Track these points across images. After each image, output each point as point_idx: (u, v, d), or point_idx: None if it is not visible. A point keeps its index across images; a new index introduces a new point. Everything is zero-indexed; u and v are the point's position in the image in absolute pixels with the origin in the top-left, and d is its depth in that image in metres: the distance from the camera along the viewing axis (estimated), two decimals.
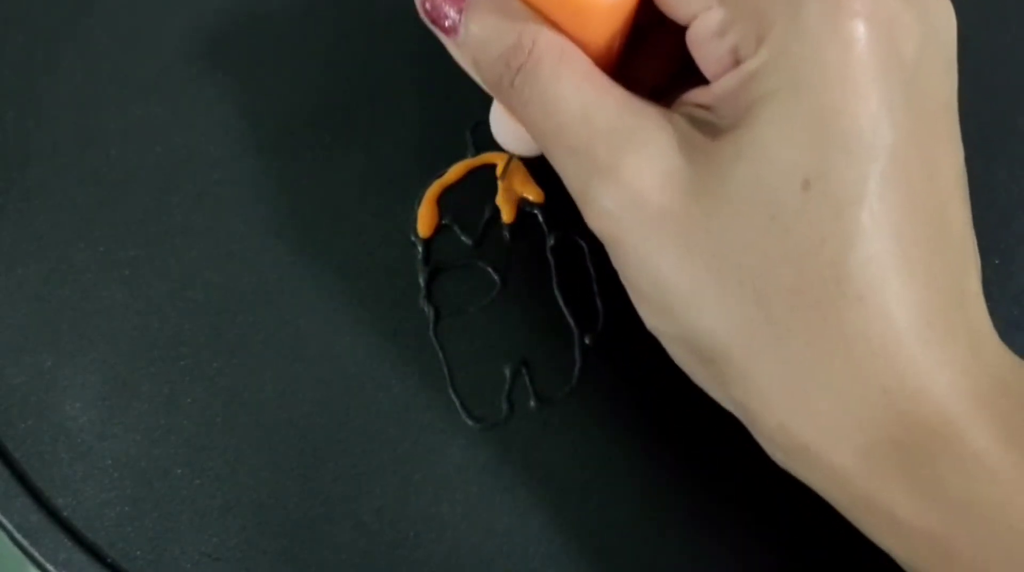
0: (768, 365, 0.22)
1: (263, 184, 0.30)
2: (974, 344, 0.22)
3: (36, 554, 0.27)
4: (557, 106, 0.22)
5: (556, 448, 0.28)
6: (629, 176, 0.22)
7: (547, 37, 0.22)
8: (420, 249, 0.29)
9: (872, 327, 0.21)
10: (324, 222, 0.29)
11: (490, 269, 0.29)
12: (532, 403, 0.28)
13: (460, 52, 0.24)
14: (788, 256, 0.21)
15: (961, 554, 0.21)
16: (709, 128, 0.22)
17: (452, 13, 0.23)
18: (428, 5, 0.24)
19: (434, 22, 0.24)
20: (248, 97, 0.31)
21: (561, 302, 0.29)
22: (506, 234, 0.29)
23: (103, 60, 0.31)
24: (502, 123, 0.26)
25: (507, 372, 0.28)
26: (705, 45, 0.22)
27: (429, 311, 0.29)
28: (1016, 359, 0.23)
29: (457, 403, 0.28)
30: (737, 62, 0.22)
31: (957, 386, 0.21)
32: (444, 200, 0.30)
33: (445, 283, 0.29)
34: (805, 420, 0.22)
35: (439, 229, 0.29)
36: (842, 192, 0.21)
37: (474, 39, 0.23)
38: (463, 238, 0.29)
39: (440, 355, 0.28)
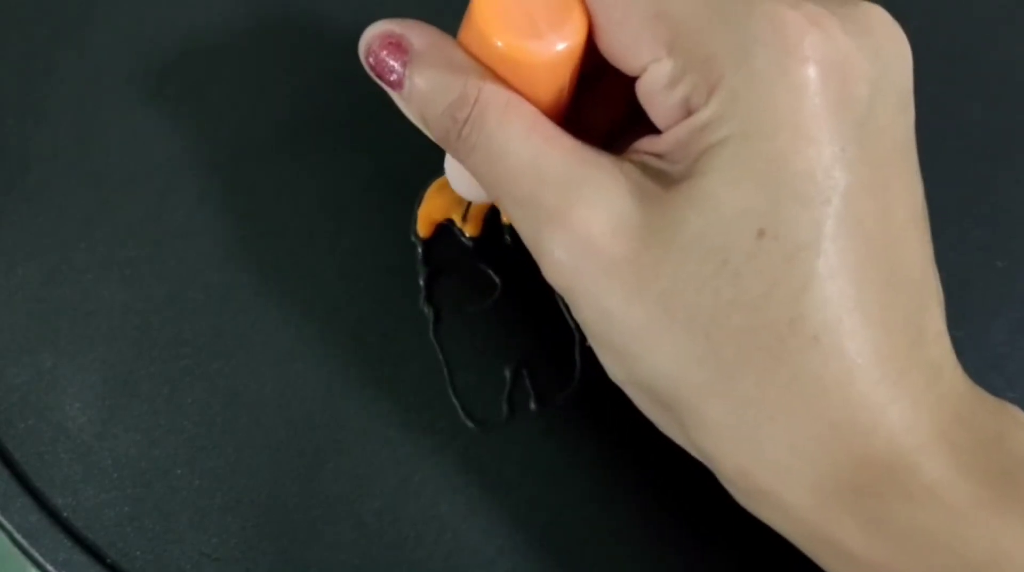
0: (720, 406, 0.22)
1: (263, 185, 0.30)
2: (931, 380, 0.22)
3: (36, 554, 0.27)
4: (505, 157, 0.22)
5: (556, 449, 0.28)
6: (579, 225, 0.22)
7: (492, 88, 0.22)
8: (420, 249, 0.29)
9: (825, 367, 0.21)
10: (324, 222, 0.29)
11: (490, 269, 0.29)
12: (532, 404, 0.28)
13: (406, 105, 0.24)
14: (739, 300, 0.21)
15: None
16: (661, 176, 0.22)
17: (397, 67, 0.23)
18: (372, 60, 0.23)
19: (379, 76, 0.24)
20: (248, 99, 0.31)
21: (561, 303, 0.29)
22: (506, 234, 0.29)
23: (104, 62, 0.31)
24: (456, 172, 0.26)
25: (507, 373, 0.28)
26: (656, 96, 0.22)
27: (429, 312, 0.29)
28: (979, 393, 0.23)
29: (457, 404, 0.28)
30: (688, 112, 0.22)
31: (910, 421, 0.21)
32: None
33: (445, 283, 0.29)
34: (758, 461, 0.22)
35: (439, 229, 0.29)
36: (794, 237, 0.21)
37: (419, 93, 0.23)
38: (463, 238, 0.29)
39: (440, 356, 0.28)
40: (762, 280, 0.21)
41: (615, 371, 0.24)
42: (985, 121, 0.30)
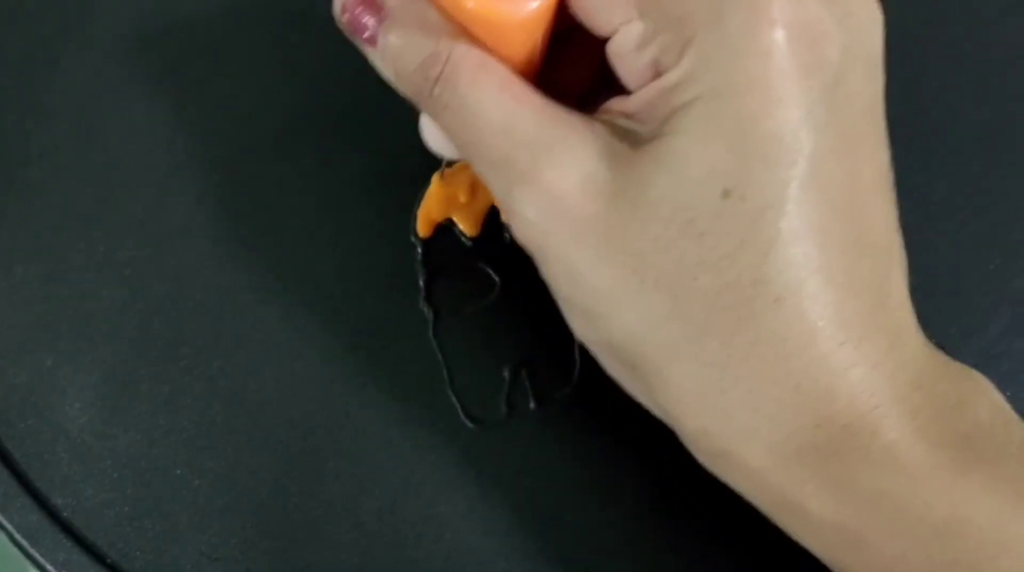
0: (685, 367, 0.22)
1: (263, 184, 0.30)
2: (894, 343, 0.22)
3: (36, 554, 0.27)
4: (477, 116, 0.23)
5: (555, 449, 0.28)
6: (549, 184, 0.22)
7: (464, 48, 0.23)
8: (420, 249, 0.29)
9: (788, 329, 0.21)
10: (324, 222, 0.29)
11: (490, 269, 0.29)
12: (531, 404, 0.28)
13: (380, 62, 0.24)
14: (705, 260, 0.21)
15: (873, 545, 0.22)
16: (631, 136, 0.22)
17: (371, 23, 0.23)
18: (346, 17, 0.24)
19: (353, 32, 0.24)
20: (248, 98, 0.31)
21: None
22: (506, 234, 0.29)
23: (104, 60, 0.31)
24: (429, 130, 0.26)
25: (506, 373, 0.28)
26: (626, 57, 0.22)
27: (429, 312, 0.29)
28: (942, 359, 0.23)
29: (457, 404, 0.28)
30: (658, 73, 0.22)
31: (870, 383, 0.21)
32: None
33: (445, 283, 0.29)
34: (721, 423, 0.22)
35: (439, 229, 0.29)
36: (760, 198, 0.21)
37: (392, 49, 0.23)
38: (463, 238, 0.29)
39: (440, 356, 0.28)
40: (728, 240, 0.21)
41: (583, 331, 0.24)
42: (981, 119, 0.31)
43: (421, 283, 0.29)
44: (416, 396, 0.28)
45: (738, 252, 0.21)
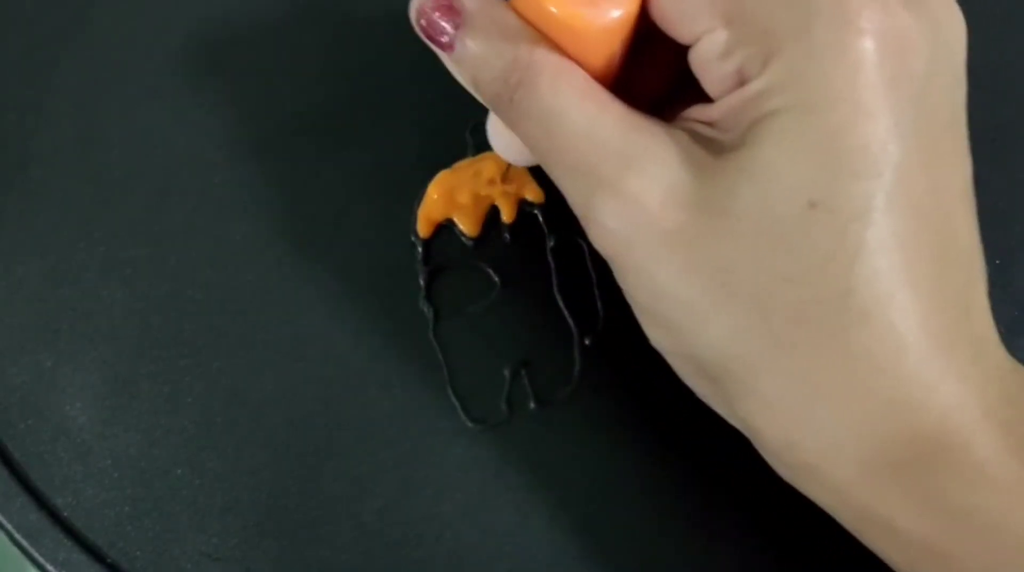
0: (771, 380, 0.22)
1: (263, 184, 0.30)
2: (978, 355, 0.22)
3: (36, 554, 0.27)
4: (558, 122, 0.22)
5: (556, 449, 0.28)
6: (632, 193, 0.22)
7: (545, 54, 0.22)
8: (420, 249, 0.29)
9: (876, 342, 0.21)
10: (324, 222, 0.29)
11: (490, 269, 0.29)
12: (532, 404, 0.28)
13: (457, 69, 0.24)
14: (793, 273, 0.21)
15: (960, 561, 0.21)
16: (712, 144, 0.22)
17: (449, 29, 0.23)
18: (423, 21, 0.23)
19: (430, 38, 0.24)
20: (248, 98, 0.31)
21: (561, 303, 0.29)
22: (506, 234, 0.29)
23: (104, 61, 0.31)
24: (499, 135, 0.26)
25: (507, 373, 0.28)
26: (709, 65, 0.22)
27: (429, 311, 0.29)
28: (1020, 368, 0.23)
29: (457, 404, 0.28)
30: (743, 82, 0.22)
31: (960, 397, 0.21)
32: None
33: (445, 283, 0.29)
34: (808, 435, 0.22)
35: (439, 229, 0.29)
36: (847, 210, 0.21)
37: (471, 56, 0.23)
38: (463, 238, 0.29)
39: (440, 356, 0.28)
40: (815, 253, 0.21)
41: (662, 342, 0.24)
42: (981, 119, 0.30)
43: (421, 283, 0.29)
44: (416, 396, 0.28)
45: (826, 264, 0.21)
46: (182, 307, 0.29)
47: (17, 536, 0.27)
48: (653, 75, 0.25)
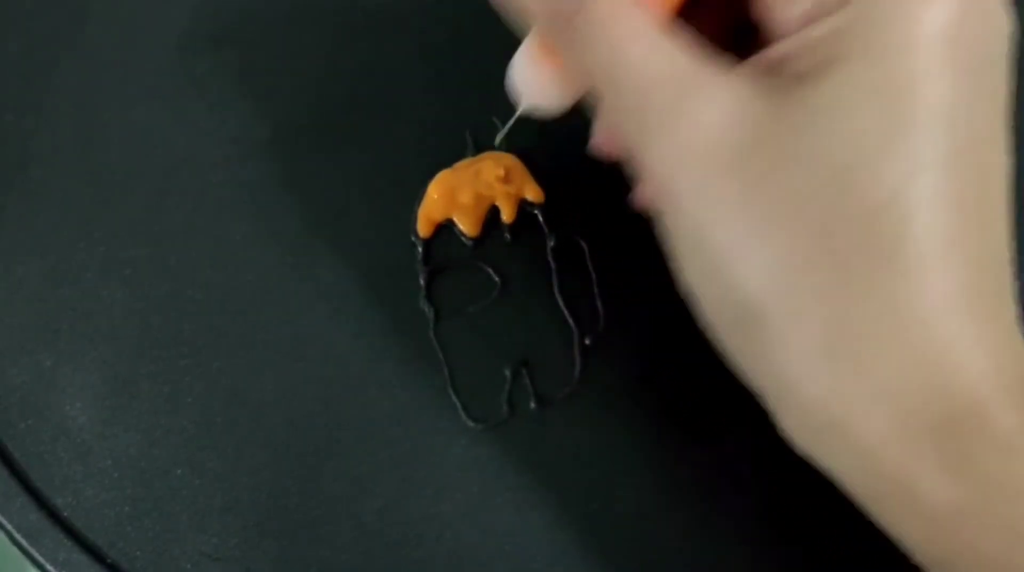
0: (809, 326, 0.21)
1: (263, 184, 0.30)
2: (1009, 332, 0.22)
3: (36, 554, 0.27)
4: (617, 51, 0.22)
5: (556, 448, 0.28)
6: (691, 125, 0.21)
7: None
8: (420, 249, 0.29)
9: (919, 297, 0.21)
10: (324, 222, 0.29)
11: (490, 269, 0.29)
12: (532, 404, 0.28)
13: None
14: (849, 214, 0.21)
15: (986, 533, 0.21)
16: (775, 85, 0.22)
17: None
18: None
19: None
20: (248, 98, 0.31)
21: (561, 303, 0.29)
22: (506, 234, 0.29)
23: (103, 60, 0.31)
24: (531, 71, 0.25)
25: (507, 372, 0.28)
26: (777, 4, 0.22)
27: (429, 311, 0.29)
28: None
29: (457, 403, 0.28)
30: (810, 21, 0.22)
31: (991, 368, 0.21)
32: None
33: (445, 283, 0.29)
34: (840, 389, 0.21)
35: (439, 229, 0.29)
36: (912, 162, 0.20)
37: None
38: (463, 238, 0.29)
39: (440, 355, 0.28)
40: (870, 199, 0.21)
41: (700, 284, 0.23)
42: None
43: (421, 282, 0.29)
44: (416, 396, 0.28)
45: (881, 211, 0.20)
46: (182, 307, 0.29)
47: (17, 536, 0.27)
48: (712, 18, 0.25)
